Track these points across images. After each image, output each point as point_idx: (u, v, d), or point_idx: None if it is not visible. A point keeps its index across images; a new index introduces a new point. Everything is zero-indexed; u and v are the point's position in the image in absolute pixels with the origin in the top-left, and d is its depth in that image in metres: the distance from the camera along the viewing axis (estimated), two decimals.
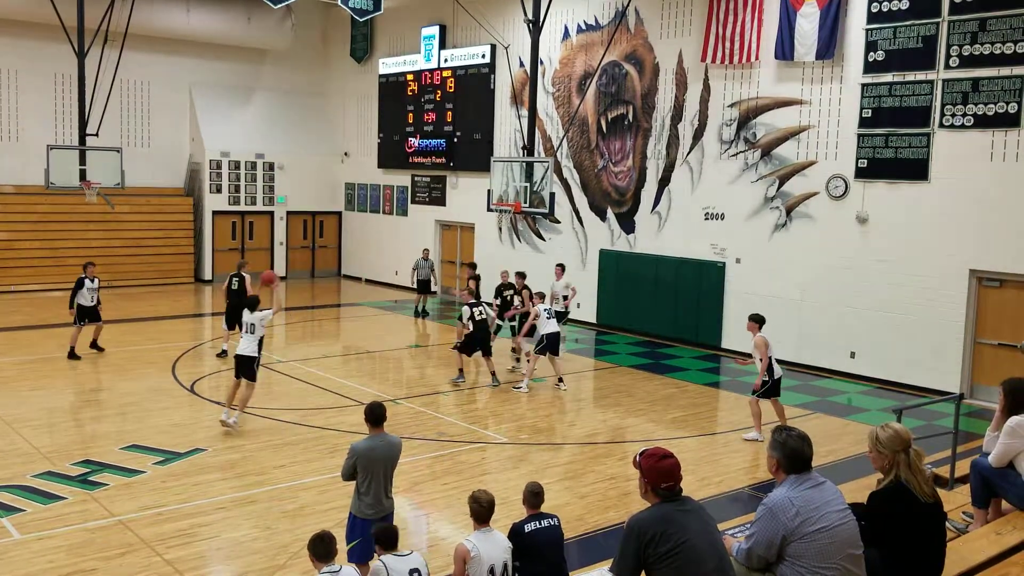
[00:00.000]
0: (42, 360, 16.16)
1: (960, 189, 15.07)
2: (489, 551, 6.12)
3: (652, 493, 4.87)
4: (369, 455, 7.25)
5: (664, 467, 4.86)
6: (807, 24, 16.75)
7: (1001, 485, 6.84)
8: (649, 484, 4.86)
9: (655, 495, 4.86)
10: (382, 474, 7.32)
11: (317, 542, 6.02)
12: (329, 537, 6.03)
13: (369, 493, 7.28)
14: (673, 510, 4.79)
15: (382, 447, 7.36)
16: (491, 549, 6.14)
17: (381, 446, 7.36)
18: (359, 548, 7.18)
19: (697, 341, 19.22)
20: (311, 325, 21.80)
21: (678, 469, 4.90)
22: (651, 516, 4.78)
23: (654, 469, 4.86)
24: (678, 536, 4.66)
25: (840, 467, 11.09)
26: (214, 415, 13.14)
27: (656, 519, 4.74)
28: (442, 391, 15.08)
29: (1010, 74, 14.39)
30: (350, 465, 7.26)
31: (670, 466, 4.87)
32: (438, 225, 26.47)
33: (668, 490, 4.84)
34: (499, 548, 6.19)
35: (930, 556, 5.41)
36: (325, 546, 5.99)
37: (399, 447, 7.56)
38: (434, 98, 25.78)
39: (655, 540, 4.65)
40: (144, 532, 8.74)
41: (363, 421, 7.52)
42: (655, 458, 4.90)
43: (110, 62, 21.24)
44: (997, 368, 14.57)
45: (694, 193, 19.21)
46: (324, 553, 5.97)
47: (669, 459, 4.91)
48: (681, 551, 4.63)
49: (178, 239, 27.16)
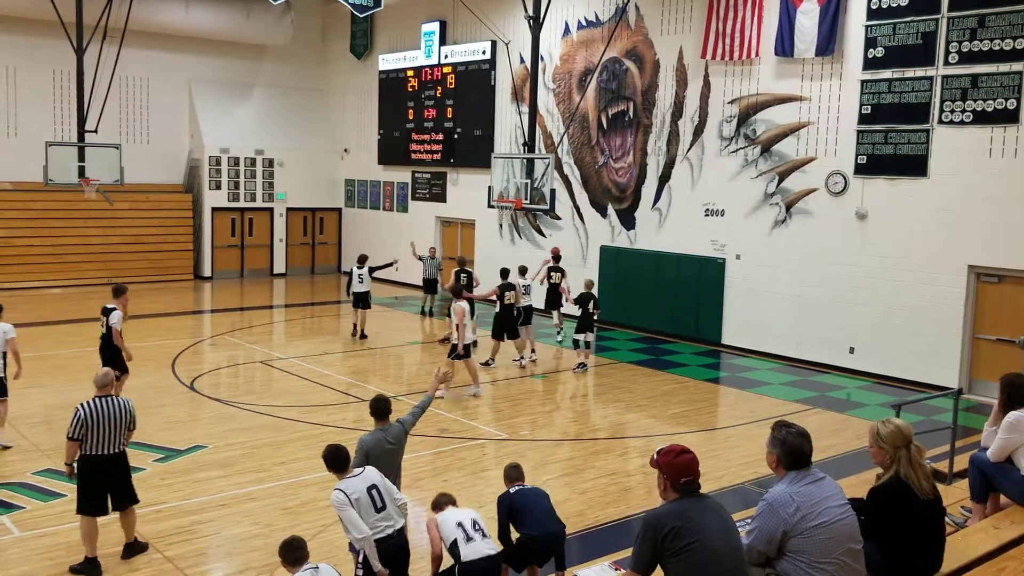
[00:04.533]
0: (41, 357, 16.17)
1: (959, 185, 15.07)
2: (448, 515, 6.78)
3: (671, 489, 4.87)
4: (380, 447, 7.35)
5: (682, 462, 4.87)
6: (807, 21, 16.75)
7: (999, 480, 6.87)
8: (668, 480, 4.86)
9: (674, 491, 4.86)
10: (390, 467, 7.36)
11: (287, 548, 6.11)
12: (299, 542, 6.13)
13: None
14: (691, 506, 4.79)
15: (388, 438, 7.46)
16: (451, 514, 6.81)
17: (387, 437, 7.46)
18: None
19: (697, 337, 19.23)
20: (311, 322, 21.81)
21: (696, 464, 4.91)
22: (669, 511, 4.78)
23: (672, 465, 4.86)
24: (695, 532, 4.66)
25: (839, 462, 11.12)
26: (214, 412, 13.18)
27: (674, 514, 4.74)
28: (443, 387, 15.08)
29: (1009, 70, 14.39)
30: (361, 460, 7.26)
31: (688, 461, 4.88)
32: (439, 221, 26.47)
33: (687, 485, 4.84)
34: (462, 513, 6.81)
35: (929, 551, 5.43)
36: (295, 552, 6.07)
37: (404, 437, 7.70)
38: (434, 94, 25.77)
39: (672, 534, 4.65)
40: (144, 529, 8.75)
41: (363, 417, 7.55)
42: (673, 454, 4.91)
43: (109, 58, 21.22)
44: (996, 363, 14.57)
45: (694, 189, 19.21)
46: (295, 559, 6.05)
47: (687, 454, 4.91)
48: (697, 547, 4.63)
49: (177, 236, 27.15)
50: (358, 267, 19.08)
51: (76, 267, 25.44)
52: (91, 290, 24.60)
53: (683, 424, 13.25)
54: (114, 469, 8.08)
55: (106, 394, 8.09)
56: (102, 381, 8.15)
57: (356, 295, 18.92)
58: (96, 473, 7.98)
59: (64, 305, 22.56)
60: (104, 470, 8.01)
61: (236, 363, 16.96)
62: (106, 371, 8.31)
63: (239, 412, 13.15)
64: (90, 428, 7.87)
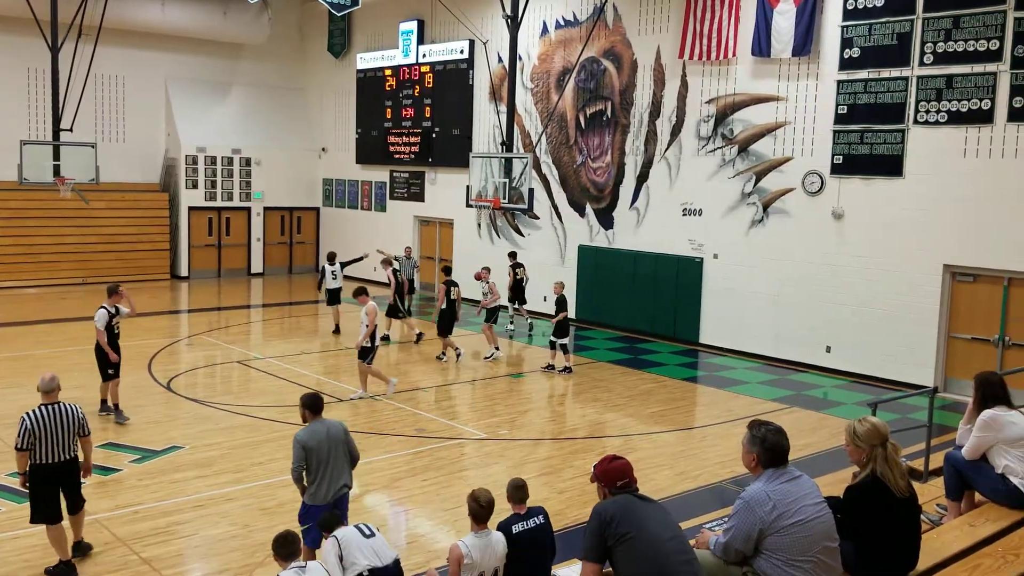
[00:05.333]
0: (17, 357, 16.00)
1: (934, 185, 15.20)
2: (483, 558, 6.07)
3: (610, 494, 5.08)
4: (316, 438, 7.44)
5: (616, 468, 5.12)
6: (784, 21, 16.84)
7: (974, 478, 6.92)
8: (606, 487, 5.11)
9: (612, 495, 5.07)
10: (329, 458, 7.48)
11: (280, 543, 6.10)
12: (292, 537, 6.11)
13: (319, 479, 7.48)
14: (631, 499, 4.99)
15: (323, 431, 7.54)
16: (486, 557, 6.09)
17: (323, 430, 7.55)
18: (313, 533, 7.38)
19: (675, 336, 19.29)
20: (289, 321, 21.71)
21: (631, 468, 5.15)
22: (611, 502, 5.01)
23: (608, 472, 5.12)
24: (636, 520, 4.84)
25: (816, 460, 11.18)
26: (191, 412, 13.10)
27: (615, 504, 4.97)
28: (421, 387, 15.07)
29: (983, 71, 14.53)
30: (299, 455, 7.42)
31: (621, 466, 5.12)
32: (417, 221, 26.42)
33: (624, 487, 5.05)
34: (495, 556, 6.13)
35: (905, 549, 5.47)
36: (289, 546, 6.06)
37: (342, 428, 7.73)
38: (412, 93, 25.72)
39: (614, 521, 4.84)
40: (120, 530, 8.69)
41: (342, 417, 7.53)
42: (606, 462, 5.19)
43: (84, 56, 21.02)
44: (970, 362, 14.73)
45: (672, 189, 19.27)
46: (287, 554, 6.03)
47: (619, 460, 5.17)
48: (637, 534, 4.79)
49: (154, 235, 26.95)
50: (329, 264, 19.53)
51: (51, 267, 25.20)
52: (67, 290, 24.41)
53: (661, 423, 13.29)
54: (65, 476, 7.86)
55: (52, 401, 7.83)
56: (47, 387, 7.87)
57: (330, 292, 19.34)
58: (47, 482, 7.76)
59: (40, 305, 22.35)
60: (55, 478, 7.79)
61: (213, 363, 16.86)
62: (51, 376, 7.98)
63: (216, 412, 13.07)
64: (38, 437, 7.65)
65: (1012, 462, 6.71)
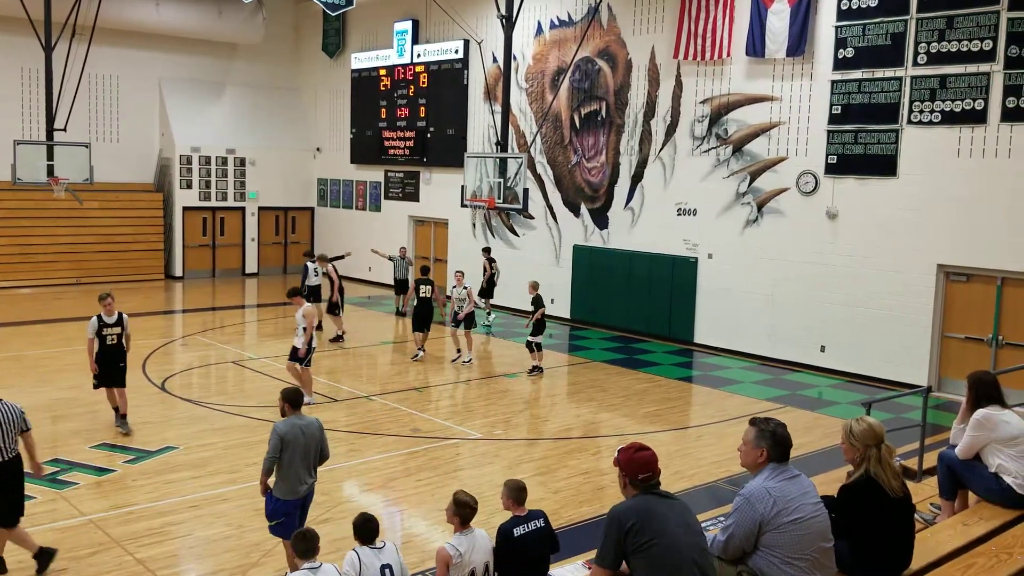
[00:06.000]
0: (11, 358, 15.96)
1: (928, 185, 15.24)
2: (472, 553, 6.07)
3: (631, 486, 4.94)
4: (293, 432, 7.50)
5: (641, 459, 4.94)
6: (778, 21, 16.87)
7: (968, 477, 6.94)
8: (627, 477, 4.94)
9: (633, 487, 4.92)
10: (302, 454, 7.55)
11: (299, 539, 6.04)
12: (311, 535, 6.04)
13: (290, 474, 7.54)
14: (653, 501, 4.85)
15: (301, 426, 7.61)
16: (473, 552, 6.08)
17: (300, 424, 7.62)
18: (284, 525, 7.49)
19: (670, 336, 19.31)
20: (283, 322, 21.67)
21: (655, 461, 4.98)
22: (631, 505, 4.85)
23: (632, 461, 4.94)
24: (657, 526, 4.72)
25: (811, 460, 11.18)
26: (186, 413, 13.07)
27: (636, 508, 4.81)
28: (416, 387, 15.07)
29: (976, 71, 14.56)
30: (276, 446, 7.46)
31: (646, 458, 4.95)
32: (412, 221, 26.42)
33: (646, 481, 4.90)
34: (481, 551, 6.13)
35: (899, 548, 5.49)
36: (306, 543, 6.00)
37: (318, 426, 7.80)
38: (407, 93, 25.71)
39: (634, 529, 4.70)
40: (115, 531, 8.68)
41: (337, 417, 7.53)
42: (631, 451, 5.00)
43: (78, 56, 20.98)
44: (964, 361, 14.76)
45: (667, 189, 19.29)
46: (304, 551, 5.97)
47: (646, 451, 4.99)
48: (659, 541, 4.68)
49: (148, 235, 26.89)
50: (311, 262, 19.68)
51: (45, 267, 25.15)
52: (61, 290, 24.36)
53: (656, 423, 13.30)
54: (8, 479, 7.60)
55: None
56: None
57: (311, 288, 19.31)
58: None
59: (34, 305, 22.30)
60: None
61: (208, 363, 16.83)
62: None
63: (211, 413, 13.06)
64: None
65: (1006, 461, 6.73)
